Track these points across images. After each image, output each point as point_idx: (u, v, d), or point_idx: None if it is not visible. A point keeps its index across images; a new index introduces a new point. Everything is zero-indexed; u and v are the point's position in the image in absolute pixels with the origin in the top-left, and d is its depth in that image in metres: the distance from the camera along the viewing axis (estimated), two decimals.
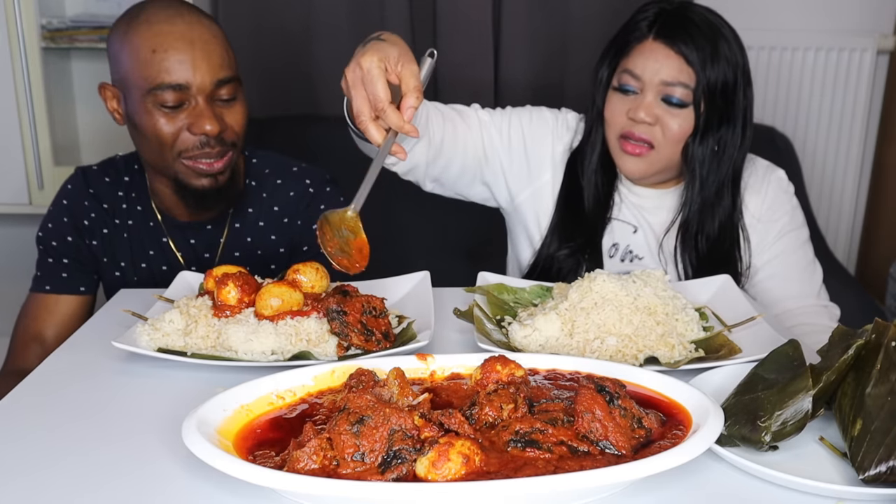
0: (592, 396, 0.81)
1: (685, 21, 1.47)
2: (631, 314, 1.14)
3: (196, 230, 1.63)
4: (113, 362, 1.11)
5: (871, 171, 3.08)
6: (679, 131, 1.48)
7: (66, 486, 0.81)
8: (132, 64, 1.44)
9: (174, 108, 1.44)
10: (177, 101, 1.43)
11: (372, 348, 1.10)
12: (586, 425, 0.80)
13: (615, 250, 1.61)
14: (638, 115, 1.48)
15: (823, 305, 1.60)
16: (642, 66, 1.48)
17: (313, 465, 0.75)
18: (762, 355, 0.97)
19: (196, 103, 1.45)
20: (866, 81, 2.89)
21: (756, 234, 1.60)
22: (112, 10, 2.56)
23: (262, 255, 1.65)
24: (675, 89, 1.46)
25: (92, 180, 1.66)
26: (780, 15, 2.87)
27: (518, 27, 2.61)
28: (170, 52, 1.42)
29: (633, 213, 1.61)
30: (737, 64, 1.49)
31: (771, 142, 2.55)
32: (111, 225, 1.64)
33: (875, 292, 2.94)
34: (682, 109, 1.47)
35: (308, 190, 1.68)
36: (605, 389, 0.82)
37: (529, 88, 2.66)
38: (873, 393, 0.85)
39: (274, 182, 1.67)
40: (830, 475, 0.83)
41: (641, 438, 0.81)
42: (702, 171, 1.51)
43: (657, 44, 1.47)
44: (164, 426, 0.91)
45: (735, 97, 1.49)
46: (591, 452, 0.78)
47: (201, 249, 1.64)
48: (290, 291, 1.15)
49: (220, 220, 1.64)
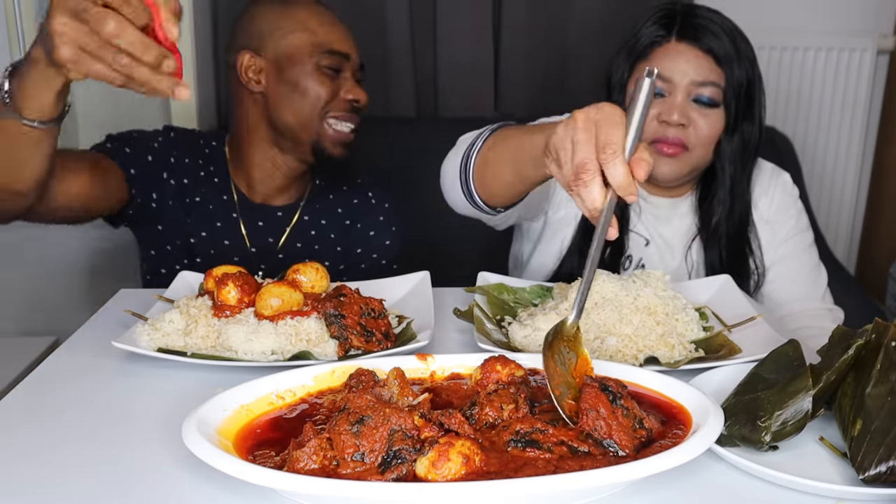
0: (597, 395, 0.81)
1: (705, 21, 1.47)
2: (631, 314, 1.14)
3: (266, 213, 1.74)
4: (113, 362, 1.10)
5: (871, 171, 3.08)
6: (711, 131, 1.48)
7: (65, 486, 0.81)
8: (297, 34, 1.63)
9: (336, 72, 1.64)
10: (339, 66, 1.64)
11: (373, 349, 1.10)
12: (591, 423, 0.79)
13: (629, 263, 1.61)
14: (672, 117, 1.46)
15: (828, 309, 1.61)
16: (670, 68, 1.46)
17: (313, 465, 0.75)
18: (762, 355, 0.97)
19: (349, 74, 1.67)
20: (866, 81, 2.89)
21: (765, 236, 1.61)
22: None
23: (318, 249, 1.77)
24: (705, 89, 1.46)
25: (181, 139, 1.72)
26: (779, 15, 2.87)
27: (518, 28, 2.61)
28: (335, 28, 1.67)
29: (646, 225, 1.61)
30: (753, 60, 1.50)
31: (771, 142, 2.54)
32: (186, 187, 1.68)
33: (875, 292, 2.94)
34: (713, 109, 1.47)
35: (371, 202, 1.85)
36: (608, 389, 0.82)
37: (530, 89, 2.65)
38: (873, 393, 0.85)
39: (340, 188, 1.82)
40: (830, 475, 0.83)
41: (643, 438, 0.81)
42: (731, 170, 1.51)
43: (682, 45, 1.46)
44: (164, 426, 0.91)
45: (755, 93, 1.50)
46: (592, 452, 0.78)
47: (266, 233, 1.74)
48: (290, 291, 1.15)
49: (290, 209, 1.76)
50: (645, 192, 1.61)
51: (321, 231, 1.79)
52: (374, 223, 1.84)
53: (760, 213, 1.61)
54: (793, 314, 1.58)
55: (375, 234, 1.84)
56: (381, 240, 1.84)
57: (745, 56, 1.47)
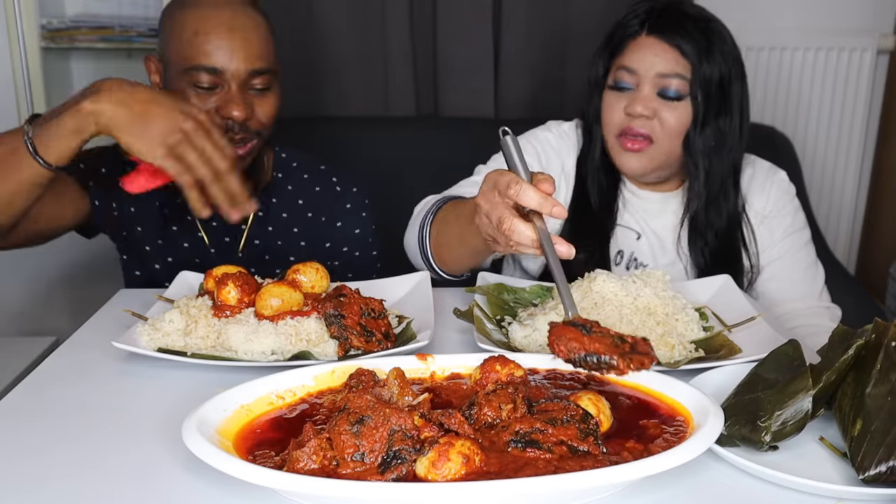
0: (562, 327, 0.83)
1: (678, 15, 1.49)
2: (631, 314, 1.14)
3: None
4: (113, 362, 1.11)
5: (871, 171, 3.08)
6: (677, 124, 1.49)
7: (65, 486, 0.81)
8: (175, 42, 1.48)
9: (207, 89, 1.48)
10: (210, 84, 1.47)
11: (373, 349, 1.10)
12: (563, 349, 0.79)
13: (620, 258, 1.61)
14: (635, 109, 1.48)
15: (825, 307, 1.61)
16: (637, 60, 1.49)
17: (313, 465, 0.75)
18: (762, 355, 0.97)
19: (228, 88, 1.48)
20: (866, 81, 2.89)
21: (761, 234, 1.61)
22: (112, 10, 2.56)
23: (282, 245, 1.68)
24: (670, 81, 1.47)
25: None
26: (780, 15, 2.87)
27: (518, 28, 2.61)
28: (210, 37, 1.46)
29: (636, 218, 1.61)
30: (731, 57, 1.50)
31: (771, 142, 2.54)
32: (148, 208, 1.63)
33: (875, 292, 2.94)
34: (679, 102, 1.48)
35: (335, 188, 1.72)
36: (575, 324, 0.84)
37: (530, 89, 2.66)
38: (873, 393, 0.85)
39: (301, 176, 1.71)
40: (830, 475, 0.83)
41: (627, 349, 0.81)
42: (704, 163, 1.52)
43: (651, 38, 1.49)
44: (164, 426, 0.91)
45: (731, 90, 1.50)
46: (592, 452, 0.78)
47: (223, 233, 1.66)
48: (290, 291, 1.15)
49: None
50: (635, 186, 1.62)
51: (281, 226, 1.68)
52: (341, 212, 1.72)
53: (756, 210, 1.61)
54: (790, 312, 1.58)
55: (343, 225, 1.72)
56: (349, 229, 1.72)
57: (718, 51, 1.48)
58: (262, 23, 1.52)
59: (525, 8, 2.60)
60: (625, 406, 0.89)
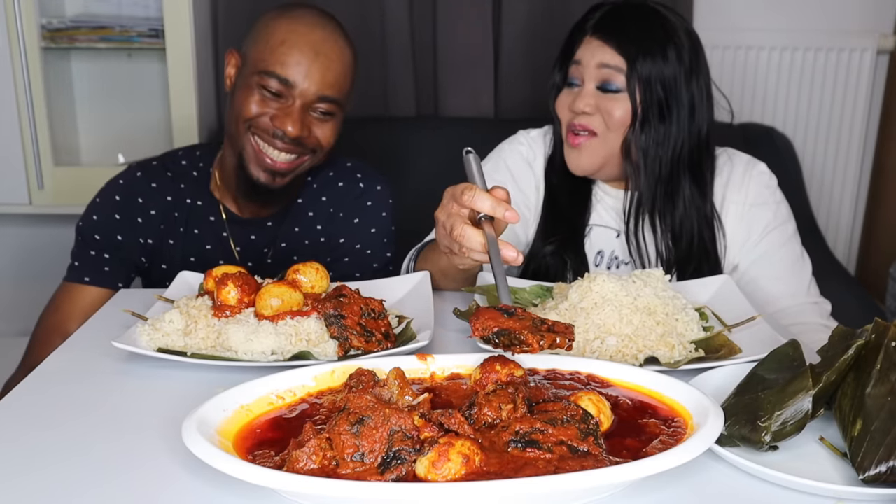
0: (484, 310, 0.90)
1: (621, 16, 1.54)
2: (631, 314, 1.14)
3: (257, 226, 1.68)
4: (113, 362, 1.10)
5: (871, 171, 3.08)
6: (620, 118, 1.51)
7: (65, 485, 0.81)
8: (262, 45, 1.52)
9: (273, 95, 1.51)
10: (277, 92, 1.51)
11: (373, 349, 1.10)
12: (479, 328, 0.87)
13: (601, 258, 1.61)
14: (577, 105, 1.52)
15: (814, 302, 1.57)
16: (581, 58, 1.54)
17: (313, 465, 0.75)
18: (762, 355, 0.97)
19: (293, 102, 1.51)
20: (866, 81, 2.89)
21: (741, 231, 1.58)
22: (112, 10, 2.56)
23: (308, 244, 1.69)
24: (609, 73, 1.50)
25: (153, 174, 1.67)
26: (780, 15, 2.87)
27: (518, 28, 2.61)
28: (294, 51, 1.50)
29: (612, 217, 1.61)
30: (686, 57, 1.51)
31: (771, 142, 2.55)
32: (171, 219, 1.65)
33: (875, 292, 2.94)
34: (619, 94, 1.50)
35: (359, 185, 1.72)
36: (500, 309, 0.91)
37: (530, 89, 2.66)
38: (873, 393, 0.85)
39: (326, 174, 1.72)
40: (830, 475, 0.83)
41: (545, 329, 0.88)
42: (642, 159, 1.52)
43: (594, 38, 1.53)
44: (164, 426, 0.91)
45: (678, 88, 1.51)
46: (592, 452, 0.78)
47: (261, 245, 1.68)
48: (289, 291, 1.15)
49: (278, 217, 1.68)
50: (608, 186, 1.63)
51: (306, 225, 1.68)
52: (361, 209, 1.71)
53: (734, 208, 1.59)
54: (779, 312, 1.55)
55: (360, 222, 1.70)
56: (365, 228, 1.70)
57: (661, 49, 1.50)
58: (347, 55, 1.56)
59: (525, 8, 2.60)
60: (625, 406, 0.89)
